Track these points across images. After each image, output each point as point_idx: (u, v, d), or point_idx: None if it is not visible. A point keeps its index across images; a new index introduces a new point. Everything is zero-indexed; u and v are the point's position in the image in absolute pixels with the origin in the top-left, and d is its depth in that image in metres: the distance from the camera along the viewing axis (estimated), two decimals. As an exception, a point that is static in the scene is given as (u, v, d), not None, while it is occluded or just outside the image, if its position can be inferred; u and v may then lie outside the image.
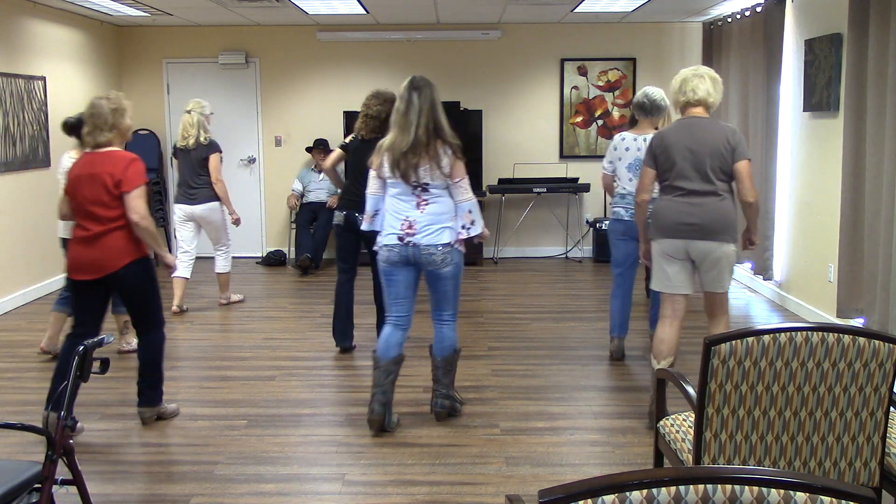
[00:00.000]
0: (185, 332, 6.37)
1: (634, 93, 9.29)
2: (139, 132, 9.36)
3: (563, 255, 9.49)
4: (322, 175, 9.03)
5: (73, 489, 2.95)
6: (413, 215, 4.12)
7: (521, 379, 5.13)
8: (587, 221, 9.39)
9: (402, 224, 4.13)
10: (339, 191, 9.08)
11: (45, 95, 7.63)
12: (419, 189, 4.12)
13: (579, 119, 9.40)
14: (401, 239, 4.12)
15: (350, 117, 9.07)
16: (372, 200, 4.26)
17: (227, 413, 4.60)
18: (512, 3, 7.67)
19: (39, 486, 2.70)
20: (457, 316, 4.39)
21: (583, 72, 9.33)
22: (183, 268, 6.81)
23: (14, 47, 7.21)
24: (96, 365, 2.86)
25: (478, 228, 4.22)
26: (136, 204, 4.13)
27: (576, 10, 8.11)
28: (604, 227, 8.99)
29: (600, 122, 9.40)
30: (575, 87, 9.36)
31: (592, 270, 8.77)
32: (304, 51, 9.32)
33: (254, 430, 4.34)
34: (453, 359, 4.41)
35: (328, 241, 8.97)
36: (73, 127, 5.50)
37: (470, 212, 4.17)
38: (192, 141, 6.70)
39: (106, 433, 4.32)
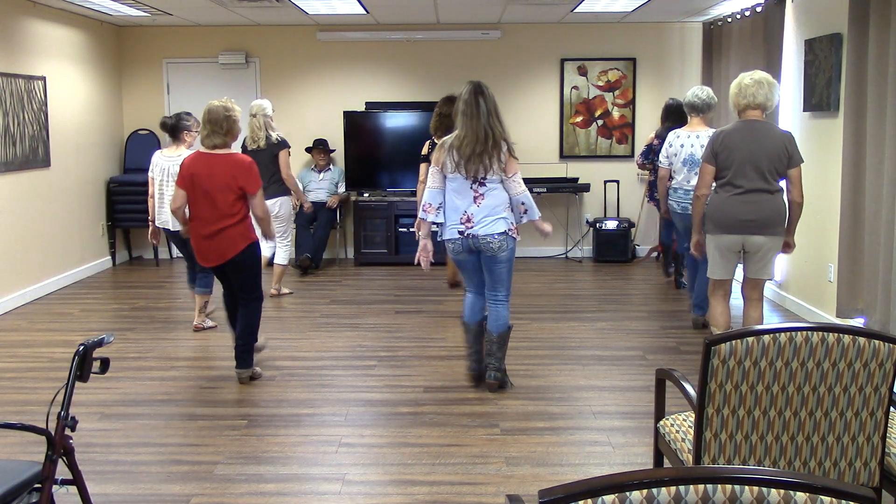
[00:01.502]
0: (185, 331, 6.37)
1: (634, 93, 9.31)
2: (139, 132, 9.38)
3: (563, 255, 9.49)
4: (322, 175, 9.04)
5: (73, 489, 2.94)
6: (471, 209, 4.62)
7: (521, 379, 5.13)
8: (587, 221, 9.39)
9: (462, 217, 4.63)
10: (339, 191, 9.12)
11: (45, 95, 7.63)
12: (476, 184, 4.60)
13: (579, 119, 9.40)
14: (461, 233, 4.64)
15: (350, 117, 9.09)
16: (434, 194, 4.69)
17: (227, 413, 4.60)
18: (512, 3, 7.66)
19: (39, 486, 2.70)
20: (510, 296, 4.86)
21: (583, 72, 9.33)
22: (282, 255, 7.42)
23: (14, 47, 7.21)
24: (96, 365, 2.85)
25: (533, 214, 4.74)
26: (261, 202, 4.93)
27: (576, 10, 8.11)
28: (604, 228, 9.02)
29: (600, 122, 9.40)
30: (575, 87, 9.36)
31: (592, 270, 8.76)
32: (304, 51, 9.32)
33: (254, 430, 4.34)
34: (507, 334, 4.86)
35: (328, 241, 8.98)
36: (172, 128, 6.21)
37: (523, 203, 4.70)
38: (263, 143, 7.02)
39: (106, 433, 4.32)
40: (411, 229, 9.00)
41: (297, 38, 9.28)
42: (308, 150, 9.14)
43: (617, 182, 9.33)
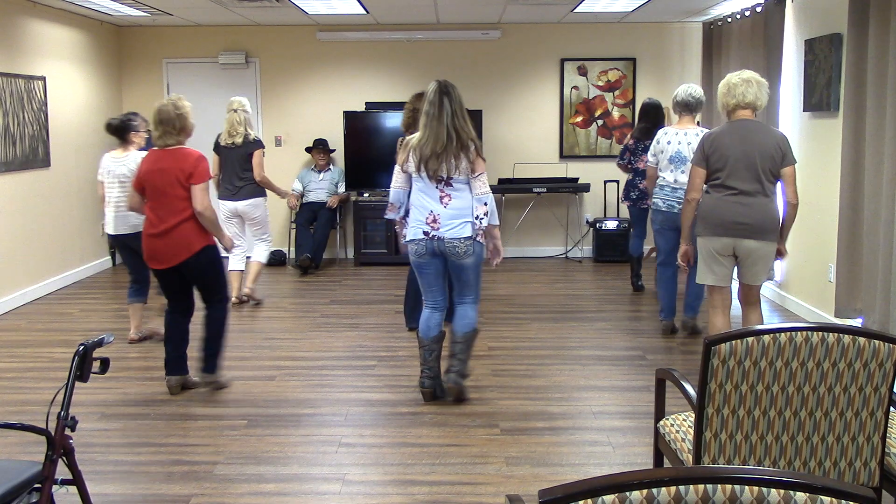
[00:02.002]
0: (185, 332, 6.37)
1: (634, 93, 9.31)
2: (139, 132, 9.37)
3: (563, 255, 9.48)
4: (322, 175, 9.04)
5: (73, 489, 2.94)
6: (437, 210, 4.45)
7: (521, 379, 5.13)
8: (587, 221, 9.39)
9: (427, 218, 4.46)
10: (339, 191, 9.12)
11: (45, 95, 7.63)
12: (443, 184, 4.45)
13: (579, 119, 9.40)
14: (426, 234, 4.47)
15: (350, 117, 9.08)
16: (398, 193, 4.58)
17: (227, 413, 4.60)
18: (512, 3, 7.66)
19: (39, 486, 2.70)
20: (478, 300, 4.71)
21: (583, 72, 9.33)
22: (237, 261, 7.11)
23: (14, 47, 7.20)
24: (96, 365, 2.85)
25: (494, 219, 4.56)
26: (202, 196, 4.64)
27: (576, 10, 8.11)
28: (604, 228, 9.02)
29: (600, 122, 9.40)
30: (575, 87, 9.36)
31: (592, 270, 8.76)
32: (304, 51, 9.32)
33: (254, 430, 4.34)
34: (472, 337, 4.68)
35: (328, 240, 8.98)
36: (118, 129, 6.18)
37: (485, 204, 4.49)
38: (239, 139, 6.88)
39: (106, 433, 4.32)
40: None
41: (297, 38, 9.28)
42: (308, 150, 9.14)
43: (617, 182, 9.32)
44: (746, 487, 1.55)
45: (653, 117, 7.06)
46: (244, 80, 9.36)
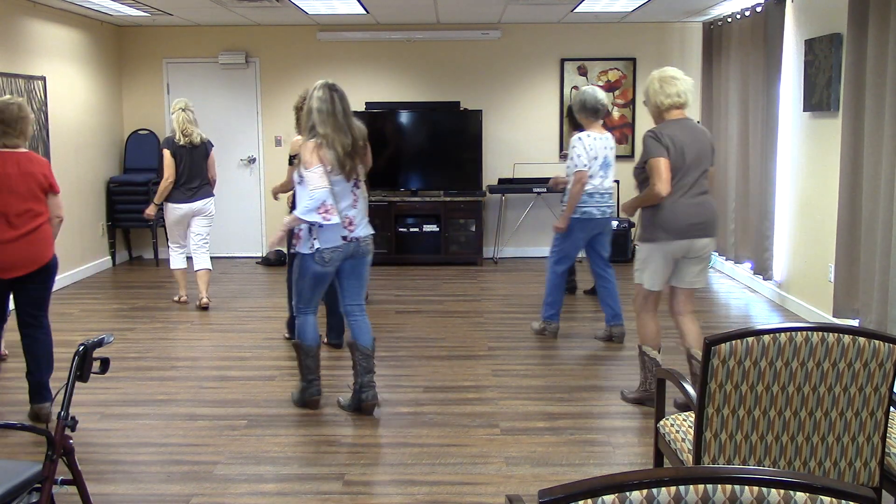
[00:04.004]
0: (185, 332, 6.37)
1: (635, 93, 9.30)
2: (139, 132, 9.38)
3: (563, 255, 9.48)
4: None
5: (73, 489, 2.95)
6: (351, 212, 4.36)
7: (521, 379, 5.13)
8: (587, 221, 9.37)
9: (345, 221, 4.32)
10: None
11: (45, 95, 7.63)
12: (353, 185, 4.36)
13: (579, 119, 9.39)
14: (344, 238, 4.33)
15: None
16: (328, 194, 4.21)
17: (227, 413, 4.60)
18: (512, 3, 7.66)
19: (39, 486, 2.70)
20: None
21: (583, 72, 9.33)
22: (183, 260, 7.12)
23: (14, 47, 7.21)
24: (96, 365, 2.86)
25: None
26: (61, 202, 4.60)
27: (576, 11, 8.11)
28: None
29: (600, 122, 9.38)
30: (575, 87, 9.35)
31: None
32: (304, 51, 9.32)
33: (254, 430, 4.34)
34: (374, 346, 4.60)
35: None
36: None
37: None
38: (196, 139, 6.85)
39: (106, 433, 4.32)
40: (411, 229, 9.01)
41: (297, 38, 9.28)
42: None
43: (617, 182, 9.29)
44: (746, 487, 1.55)
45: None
46: (244, 80, 9.37)
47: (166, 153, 6.81)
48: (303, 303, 4.54)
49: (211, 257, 7.20)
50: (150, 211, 7.09)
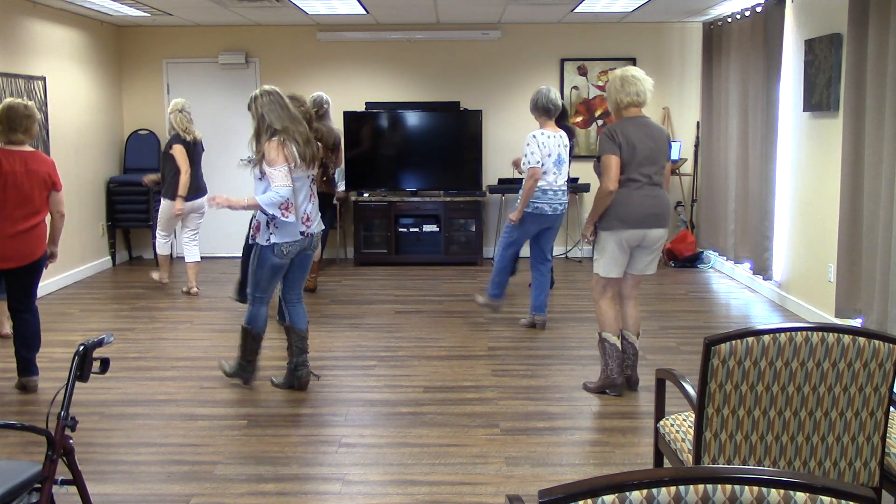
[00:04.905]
0: (185, 331, 6.37)
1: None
2: (139, 132, 9.38)
3: (564, 255, 9.48)
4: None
5: (73, 489, 2.95)
6: (308, 208, 4.60)
7: (521, 379, 5.13)
8: (587, 221, 9.38)
9: (303, 217, 4.57)
10: (339, 190, 9.11)
11: (45, 95, 7.63)
12: (311, 181, 4.63)
13: (579, 119, 9.40)
14: (302, 233, 4.58)
15: (350, 117, 9.08)
16: (290, 192, 4.45)
17: (227, 413, 4.60)
18: (512, 3, 7.67)
19: (39, 486, 2.70)
20: None
21: (583, 72, 9.33)
22: (169, 246, 7.70)
23: (14, 47, 7.21)
24: (96, 365, 2.85)
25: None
26: (63, 200, 4.94)
27: (576, 10, 8.11)
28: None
29: (600, 121, 9.40)
30: (575, 87, 9.36)
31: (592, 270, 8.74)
32: (304, 51, 9.32)
33: (254, 430, 4.34)
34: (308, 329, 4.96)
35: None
36: None
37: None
38: (199, 135, 7.22)
39: (106, 433, 4.32)
40: (411, 229, 9.01)
41: (297, 38, 9.28)
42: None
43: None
44: (746, 487, 1.55)
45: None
46: (244, 80, 9.36)
47: (179, 147, 7.11)
48: (259, 292, 4.76)
49: (209, 257, 7.46)
50: (179, 205, 7.27)
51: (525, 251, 6.54)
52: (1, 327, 5.98)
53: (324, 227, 4.76)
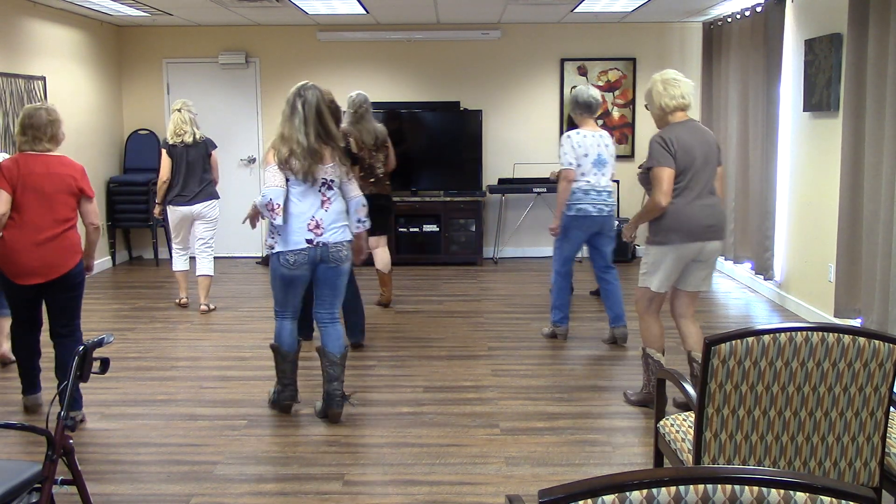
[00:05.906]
0: (185, 332, 6.37)
1: (634, 93, 9.31)
2: (139, 132, 9.38)
3: (563, 255, 9.47)
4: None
5: (73, 489, 2.95)
6: (319, 214, 4.22)
7: (521, 379, 5.13)
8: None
9: (309, 224, 4.20)
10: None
11: (45, 95, 7.63)
12: (324, 187, 4.24)
13: (579, 119, 9.39)
14: (310, 241, 4.20)
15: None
16: (279, 192, 4.16)
17: (227, 413, 4.60)
18: (512, 3, 7.66)
19: (39, 486, 2.70)
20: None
21: (583, 72, 9.33)
22: (184, 262, 7.03)
23: (14, 47, 7.21)
24: (96, 365, 2.86)
25: (368, 222, 4.47)
26: (96, 208, 4.45)
27: (576, 10, 8.11)
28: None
29: (600, 122, 9.37)
30: (575, 88, 9.35)
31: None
32: (304, 51, 9.32)
33: (254, 430, 4.34)
34: (346, 356, 4.50)
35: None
36: None
37: (364, 206, 4.42)
38: (188, 138, 6.70)
39: (106, 433, 4.32)
40: (411, 229, 9.01)
41: (297, 38, 9.28)
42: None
43: (617, 182, 9.30)
44: (746, 487, 1.55)
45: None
46: (244, 80, 9.37)
47: (163, 153, 6.78)
48: (278, 305, 4.43)
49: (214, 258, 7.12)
50: (156, 211, 7.09)
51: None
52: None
53: (349, 239, 4.32)
